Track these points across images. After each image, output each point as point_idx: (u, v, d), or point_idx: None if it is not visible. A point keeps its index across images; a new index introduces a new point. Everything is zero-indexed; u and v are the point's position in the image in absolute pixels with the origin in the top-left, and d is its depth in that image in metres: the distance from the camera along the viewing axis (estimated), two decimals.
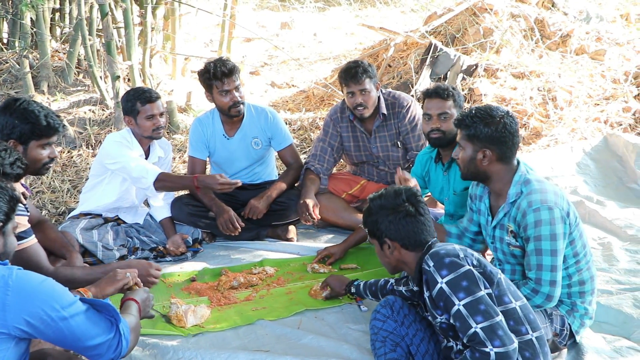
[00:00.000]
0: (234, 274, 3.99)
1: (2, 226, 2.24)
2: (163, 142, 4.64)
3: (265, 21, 12.57)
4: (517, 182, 3.07)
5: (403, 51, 7.69)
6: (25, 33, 6.98)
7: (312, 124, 6.67)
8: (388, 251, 2.78)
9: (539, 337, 2.60)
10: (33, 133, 3.27)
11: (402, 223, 2.72)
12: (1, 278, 2.07)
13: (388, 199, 2.78)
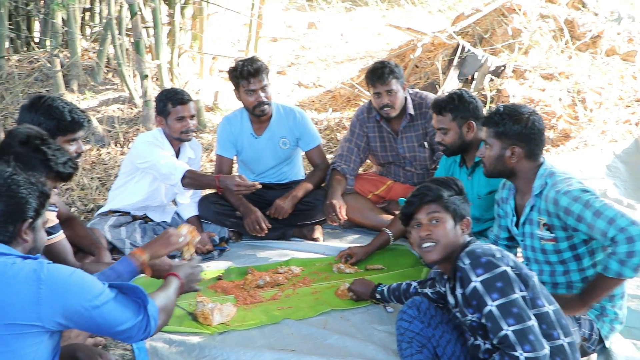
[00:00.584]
0: (260, 273, 3.99)
1: (32, 222, 2.26)
2: (193, 143, 4.67)
3: (292, 21, 12.58)
4: (542, 175, 3.07)
5: (430, 52, 7.66)
6: (57, 32, 7.06)
7: (338, 124, 6.67)
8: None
9: (571, 342, 2.56)
10: (58, 129, 3.30)
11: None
12: (33, 272, 2.08)
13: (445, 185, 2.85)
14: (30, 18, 7.77)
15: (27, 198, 2.22)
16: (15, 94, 6.80)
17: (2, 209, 2.18)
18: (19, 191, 2.20)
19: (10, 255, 2.15)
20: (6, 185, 2.20)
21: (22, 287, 2.06)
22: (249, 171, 4.86)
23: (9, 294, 2.05)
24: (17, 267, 2.09)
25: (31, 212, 2.24)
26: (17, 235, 2.22)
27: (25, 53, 7.47)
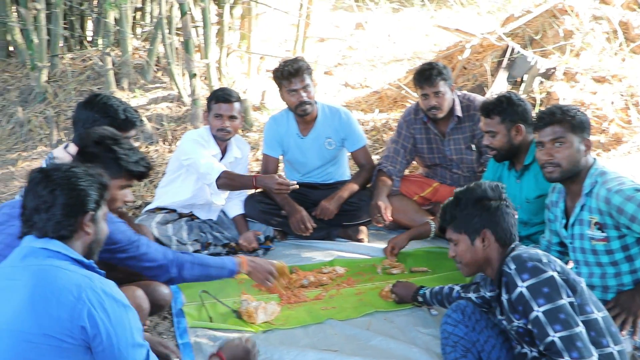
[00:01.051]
0: (305, 273, 4.01)
1: (94, 214, 2.26)
2: (241, 143, 4.71)
3: (339, 21, 12.59)
4: (592, 174, 3.04)
5: (479, 53, 7.58)
6: (109, 31, 7.20)
7: (384, 125, 6.65)
8: (480, 245, 2.70)
9: (621, 351, 2.50)
10: (112, 127, 3.36)
11: (500, 215, 2.69)
12: (76, 288, 2.06)
13: (486, 190, 2.73)
14: (83, 17, 7.93)
15: (87, 190, 2.22)
16: (68, 91, 6.96)
17: (63, 202, 2.17)
18: (78, 183, 2.21)
19: (65, 256, 2.15)
20: (66, 178, 2.20)
21: (63, 300, 2.03)
22: (295, 171, 4.88)
23: (51, 304, 2.03)
24: (67, 277, 2.08)
25: (92, 204, 2.24)
26: (79, 228, 2.22)
27: (78, 52, 7.63)
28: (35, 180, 2.21)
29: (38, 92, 7.00)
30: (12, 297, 2.05)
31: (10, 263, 2.16)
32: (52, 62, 7.14)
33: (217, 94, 4.45)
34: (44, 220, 2.17)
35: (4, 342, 2.01)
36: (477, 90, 6.61)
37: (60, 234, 2.18)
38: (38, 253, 2.13)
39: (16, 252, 2.19)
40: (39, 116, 6.82)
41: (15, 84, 7.37)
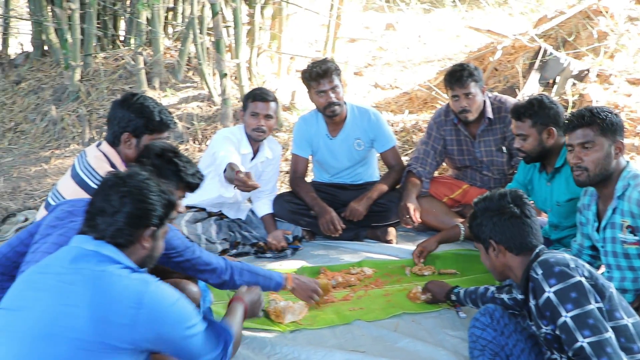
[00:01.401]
0: (333, 273, 4.01)
1: (155, 230, 2.27)
2: (273, 143, 4.70)
3: (370, 22, 12.57)
4: (625, 177, 3.00)
5: (510, 55, 7.52)
6: (141, 31, 7.28)
7: (414, 126, 6.63)
8: (493, 254, 2.72)
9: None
10: (146, 127, 3.39)
11: (507, 225, 2.66)
12: (136, 294, 2.06)
13: (493, 200, 2.73)
14: (116, 17, 8.03)
15: (155, 205, 2.23)
16: (101, 90, 7.04)
17: (129, 211, 2.18)
18: (149, 196, 2.22)
19: (116, 261, 2.14)
20: (139, 188, 2.21)
21: (122, 307, 2.03)
22: (324, 171, 4.88)
23: (109, 311, 2.02)
24: (123, 283, 2.08)
25: (156, 220, 2.24)
26: (137, 240, 2.23)
27: (110, 51, 7.72)
28: (109, 182, 2.23)
29: (71, 90, 7.10)
30: (69, 303, 2.02)
31: (59, 263, 2.13)
32: (85, 61, 7.23)
33: (254, 92, 4.46)
34: (106, 224, 2.17)
35: (58, 348, 1.99)
36: (509, 92, 6.55)
37: (117, 240, 2.18)
38: (89, 257, 2.12)
39: (64, 251, 2.18)
40: (71, 114, 6.91)
41: (49, 83, 7.48)
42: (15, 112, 7.32)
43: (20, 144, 6.87)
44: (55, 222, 2.74)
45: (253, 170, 4.52)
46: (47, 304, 2.04)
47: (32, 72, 7.89)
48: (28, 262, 2.66)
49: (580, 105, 6.11)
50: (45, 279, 2.10)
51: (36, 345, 1.99)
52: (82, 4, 7.09)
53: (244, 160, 4.44)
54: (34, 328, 2.01)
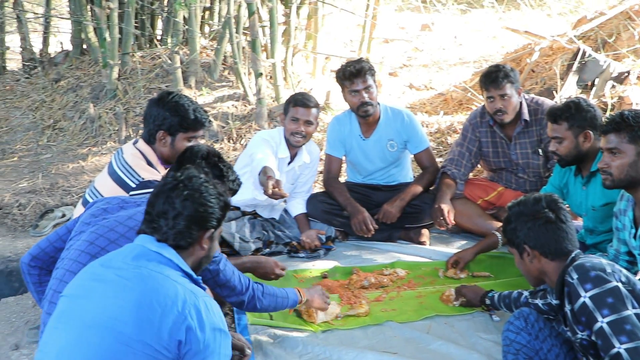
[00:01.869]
0: (365, 274, 4.00)
1: (213, 231, 2.31)
2: (312, 147, 4.70)
3: (405, 22, 12.54)
4: None
5: (548, 56, 7.43)
6: (178, 30, 7.34)
7: (449, 127, 6.58)
8: (527, 259, 2.69)
9: None
10: (181, 125, 3.43)
11: (542, 230, 2.64)
12: (182, 303, 2.07)
13: (527, 205, 2.70)
14: (154, 16, 8.10)
15: (214, 208, 2.27)
16: (137, 89, 7.11)
17: (190, 214, 2.22)
18: (209, 200, 2.26)
19: (176, 266, 2.18)
20: (199, 192, 2.25)
21: (167, 312, 2.04)
22: (357, 172, 4.87)
23: (155, 313, 2.03)
24: (174, 289, 2.09)
25: (214, 222, 2.29)
26: (197, 242, 2.27)
27: (148, 50, 7.80)
28: (169, 184, 2.27)
29: (109, 89, 7.18)
30: (119, 297, 2.06)
31: (122, 258, 2.19)
32: (122, 60, 7.32)
33: (295, 97, 4.47)
34: (168, 226, 2.22)
35: (104, 339, 2.02)
36: (546, 94, 6.47)
37: (178, 243, 2.22)
38: (151, 256, 2.17)
39: (129, 248, 2.24)
40: (109, 112, 7.00)
41: (88, 81, 7.58)
42: (55, 110, 7.43)
43: (58, 141, 6.98)
44: (89, 219, 2.79)
45: (290, 174, 4.53)
46: (102, 295, 2.09)
47: (71, 71, 8.00)
48: (63, 259, 2.70)
49: (620, 108, 6.02)
50: (107, 272, 2.15)
51: (85, 332, 2.04)
52: (120, 3, 7.18)
53: (281, 164, 4.45)
54: (87, 317, 2.07)
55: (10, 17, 9.06)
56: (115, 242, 2.60)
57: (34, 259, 2.94)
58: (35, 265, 2.94)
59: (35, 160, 6.57)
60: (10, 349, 3.30)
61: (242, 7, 6.96)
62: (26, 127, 7.32)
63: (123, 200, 2.87)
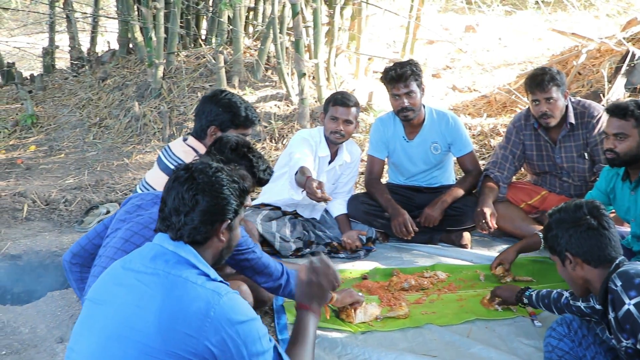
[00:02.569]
0: (405, 276, 3.99)
1: (231, 222, 2.23)
2: (353, 147, 4.70)
3: (449, 24, 12.46)
4: None
5: (595, 58, 7.32)
6: (222, 30, 7.41)
7: (492, 130, 6.53)
8: (570, 267, 2.65)
9: None
10: (232, 122, 3.51)
11: (584, 236, 2.59)
12: (206, 305, 2.01)
13: (568, 212, 2.66)
14: (199, 16, 8.21)
15: (229, 199, 2.19)
16: (182, 87, 7.21)
17: (204, 209, 2.15)
18: (222, 191, 2.18)
19: (197, 269, 2.11)
20: (210, 184, 2.17)
21: (189, 316, 1.99)
22: (399, 174, 4.86)
23: (179, 321, 1.98)
24: (196, 291, 2.03)
25: (231, 214, 2.21)
26: (214, 235, 2.19)
27: (192, 49, 7.89)
28: (180, 178, 2.19)
29: (154, 87, 7.29)
30: (140, 305, 2.02)
31: (141, 260, 2.14)
32: (167, 59, 7.42)
33: (335, 96, 4.48)
34: (181, 223, 2.14)
35: (126, 352, 1.99)
36: (592, 97, 6.37)
37: (194, 239, 2.16)
38: (169, 257, 2.12)
39: (148, 248, 2.19)
40: (153, 111, 7.10)
41: (133, 80, 7.71)
42: (101, 108, 7.57)
43: (104, 139, 7.10)
44: (124, 215, 2.83)
45: (331, 173, 4.54)
46: (123, 303, 2.05)
47: (117, 69, 8.15)
48: (100, 256, 2.75)
49: None
50: (127, 275, 2.11)
51: (109, 344, 2.01)
52: (167, 3, 7.28)
53: (321, 163, 4.47)
54: (110, 326, 2.03)
55: (60, 16, 9.25)
56: (150, 240, 2.62)
57: (75, 256, 2.99)
58: (76, 262, 3.00)
59: (81, 157, 6.70)
60: (55, 342, 3.36)
61: (286, 8, 7.00)
62: (73, 125, 7.47)
63: (156, 196, 2.89)
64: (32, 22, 11.93)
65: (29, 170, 6.39)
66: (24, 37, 11.74)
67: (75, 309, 3.64)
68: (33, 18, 11.83)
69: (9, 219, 5.04)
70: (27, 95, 7.94)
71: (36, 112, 7.73)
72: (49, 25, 9.31)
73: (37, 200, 5.31)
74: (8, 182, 5.95)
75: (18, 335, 3.43)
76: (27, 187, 5.60)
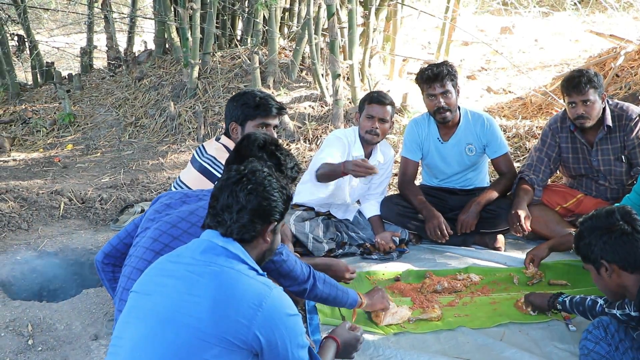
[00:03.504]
0: (438, 278, 3.97)
1: (276, 224, 2.32)
2: (386, 148, 4.68)
3: (484, 25, 12.38)
4: None
5: (634, 60, 7.21)
6: (258, 31, 7.46)
7: (528, 132, 6.46)
8: (606, 274, 2.62)
9: None
10: (247, 114, 3.53)
11: (619, 242, 2.57)
12: (257, 296, 2.10)
13: (600, 219, 2.64)
14: (234, 17, 8.26)
15: (278, 201, 2.28)
16: (217, 87, 7.26)
17: (254, 208, 2.24)
18: (272, 193, 2.27)
19: (242, 261, 2.20)
20: (262, 185, 2.26)
21: (243, 305, 2.07)
22: (433, 176, 4.83)
23: (232, 308, 2.06)
24: (249, 282, 2.13)
25: (277, 216, 2.30)
26: (260, 235, 2.28)
27: (228, 50, 7.94)
28: (233, 178, 2.28)
29: (189, 87, 7.35)
30: (194, 293, 2.09)
31: (190, 254, 2.21)
32: (203, 59, 7.48)
33: (371, 95, 4.47)
34: (232, 220, 2.23)
35: (179, 335, 2.05)
36: (631, 99, 6.28)
37: (242, 237, 2.24)
38: (219, 251, 2.20)
39: (197, 243, 2.26)
40: (188, 111, 7.17)
41: (169, 80, 7.78)
42: (137, 108, 7.66)
43: (139, 138, 7.19)
44: (153, 215, 2.85)
45: None
46: (175, 291, 2.12)
47: (153, 69, 8.23)
48: (130, 256, 2.77)
49: None
50: (177, 268, 2.19)
51: (160, 328, 2.08)
52: (203, 4, 7.34)
53: None
54: (160, 312, 2.11)
55: (98, 17, 9.38)
56: (178, 239, 2.65)
57: (107, 257, 3.02)
58: (109, 262, 3.02)
59: (117, 156, 6.78)
60: (90, 339, 3.42)
61: (321, 9, 7.02)
62: (109, 124, 7.57)
63: (185, 194, 2.92)
64: (71, 23, 12.11)
65: (65, 168, 6.49)
66: (62, 37, 11.93)
67: (109, 307, 3.70)
68: (72, 18, 12.01)
69: (46, 216, 5.13)
70: (65, 94, 8.06)
71: (73, 111, 7.86)
72: (87, 25, 9.44)
73: (74, 198, 5.39)
74: (45, 180, 6.05)
75: (54, 331, 3.50)
76: (64, 186, 5.69)
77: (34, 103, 8.45)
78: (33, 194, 5.36)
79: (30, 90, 9.08)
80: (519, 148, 6.25)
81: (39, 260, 4.47)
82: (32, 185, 5.76)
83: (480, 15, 13.56)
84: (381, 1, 7.65)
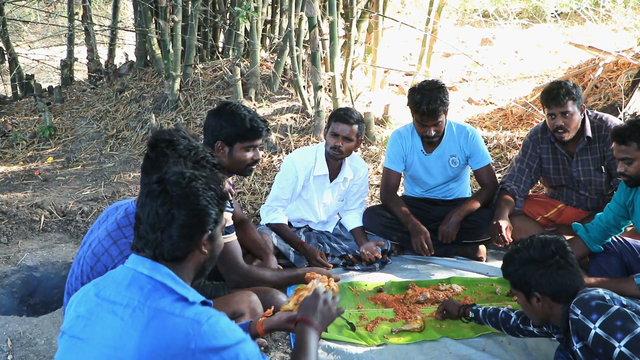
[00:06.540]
0: (421, 289, 3.98)
1: (212, 232, 2.11)
2: (358, 163, 4.68)
3: (465, 37, 12.48)
4: None
5: (612, 72, 7.29)
6: (239, 43, 7.45)
7: (509, 143, 6.50)
8: (537, 304, 2.70)
9: None
10: (237, 135, 3.46)
11: (554, 276, 2.64)
12: (185, 337, 1.90)
13: (536, 250, 2.69)
14: (216, 29, 8.25)
15: (206, 209, 2.06)
16: (199, 100, 7.24)
17: (181, 224, 2.02)
18: (198, 202, 2.04)
19: (174, 294, 1.99)
20: (185, 196, 2.03)
21: (170, 351, 1.89)
22: (416, 186, 4.85)
23: (157, 356, 1.89)
24: (174, 323, 1.92)
25: (211, 224, 2.08)
26: (195, 248, 2.07)
27: (209, 62, 7.93)
28: (153, 193, 2.05)
29: (171, 99, 7.32)
30: (118, 346, 1.92)
31: (116, 288, 2.02)
32: (185, 71, 7.46)
33: (338, 112, 4.46)
34: (158, 241, 2.02)
35: None
36: (609, 110, 6.34)
37: (174, 255, 2.04)
38: (143, 282, 2.00)
39: (122, 273, 2.06)
40: (170, 123, 7.13)
41: (150, 92, 7.75)
42: (118, 120, 7.61)
43: (121, 151, 7.14)
44: (96, 225, 2.88)
45: (334, 189, 4.55)
46: (99, 343, 1.95)
47: (134, 82, 8.20)
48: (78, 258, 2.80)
49: None
50: (102, 308, 1.99)
51: None
52: (184, 16, 7.32)
53: (321, 181, 4.48)
54: None
55: (79, 29, 9.34)
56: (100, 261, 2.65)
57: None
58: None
59: (98, 169, 6.73)
60: None
61: (303, 21, 7.03)
62: (90, 137, 7.52)
63: (121, 204, 2.85)
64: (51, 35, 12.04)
65: (46, 181, 6.44)
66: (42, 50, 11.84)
67: None
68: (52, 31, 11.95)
69: (25, 230, 5.08)
70: (45, 107, 8.00)
71: (54, 123, 7.79)
72: (67, 37, 9.39)
73: (54, 211, 5.34)
74: (25, 193, 5.99)
75: (34, 346, 3.46)
76: (44, 199, 5.64)
77: (13, 116, 8.37)
78: (13, 208, 5.31)
79: (9, 103, 9.01)
80: (500, 159, 6.28)
81: (18, 275, 4.42)
82: (11, 198, 5.70)
83: (460, 27, 13.66)
84: (362, 13, 7.69)
